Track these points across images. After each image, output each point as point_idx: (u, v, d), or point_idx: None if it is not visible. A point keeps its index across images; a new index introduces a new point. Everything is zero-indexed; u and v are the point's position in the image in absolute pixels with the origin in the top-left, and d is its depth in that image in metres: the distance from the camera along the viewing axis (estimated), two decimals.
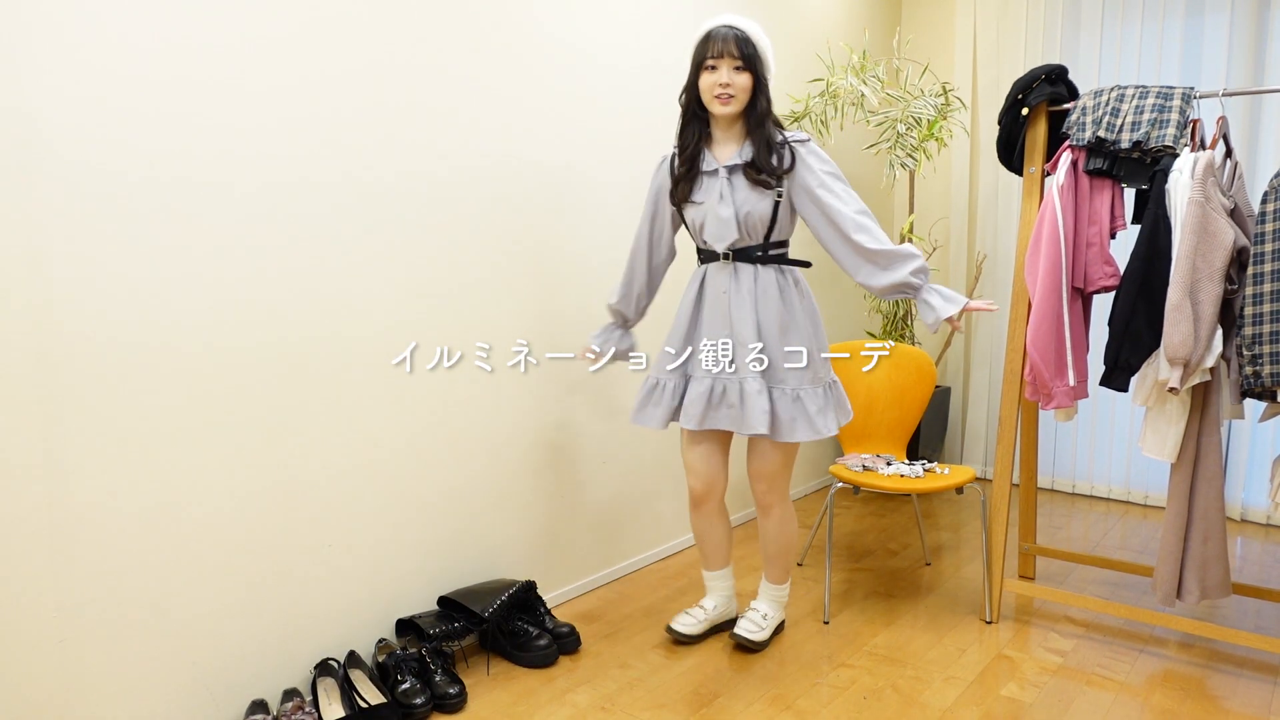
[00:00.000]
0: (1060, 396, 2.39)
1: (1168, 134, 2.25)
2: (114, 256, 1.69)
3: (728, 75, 2.07)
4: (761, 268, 2.17)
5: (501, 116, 2.43)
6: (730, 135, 2.18)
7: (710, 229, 2.17)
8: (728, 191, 2.14)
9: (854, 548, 3.27)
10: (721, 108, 2.10)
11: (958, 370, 4.28)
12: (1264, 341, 2.07)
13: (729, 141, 2.18)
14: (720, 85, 2.08)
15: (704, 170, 2.18)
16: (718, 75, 2.08)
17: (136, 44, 1.70)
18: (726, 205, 2.13)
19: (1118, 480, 3.89)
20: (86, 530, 1.69)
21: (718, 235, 2.16)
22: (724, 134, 2.18)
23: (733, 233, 2.14)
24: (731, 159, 2.16)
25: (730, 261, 2.18)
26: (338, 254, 2.07)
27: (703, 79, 2.11)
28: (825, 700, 2.14)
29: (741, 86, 2.08)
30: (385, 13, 2.13)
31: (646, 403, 2.27)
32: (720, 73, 2.07)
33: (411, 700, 2.02)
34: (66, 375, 1.64)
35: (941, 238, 4.25)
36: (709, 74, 2.09)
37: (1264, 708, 2.11)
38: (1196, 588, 2.29)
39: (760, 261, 2.17)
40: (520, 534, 2.60)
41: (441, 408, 2.34)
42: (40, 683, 1.64)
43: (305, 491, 2.04)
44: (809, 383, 2.17)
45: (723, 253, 2.18)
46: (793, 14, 3.60)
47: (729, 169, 2.15)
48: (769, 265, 2.18)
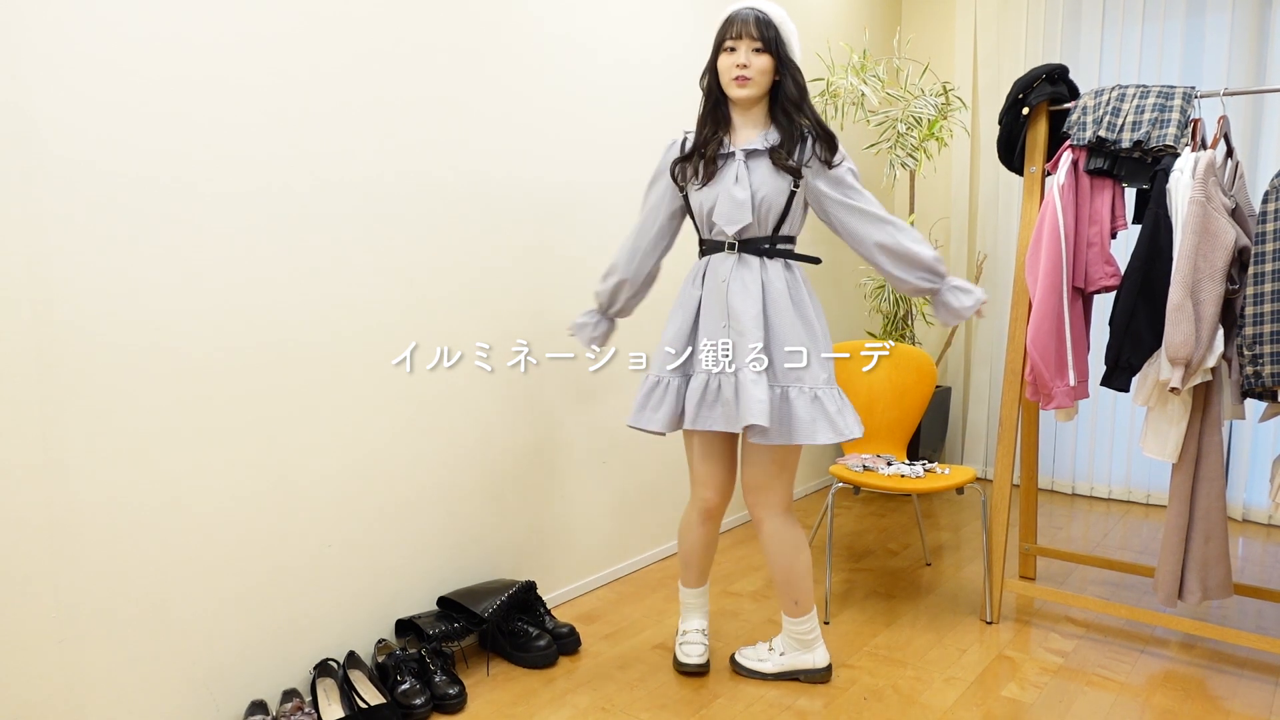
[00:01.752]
0: (1061, 396, 2.38)
1: (1169, 133, 2.25)
2: (114, 256, 1.69)
3: (745, 56, 2.00)
4: (768, 260, 2.08)
5: (502, 116, 2.43)
6: (750, 120, 2.10)
7: (722, 210, 2.05)
8: (744, 174, 2.06)
9: (854, 548, 3.26)
10: (739, 90, 2.03)
11: (958, 370, 4.28)
12: (1265, 341, 2.07)
13: (748, 127, 2.10)
14: (738, 66, 2.01)
15: (718, 154, 2.08)
16: (736, 56, 2.01)
17: (135, 42, 1.70)
18: (743, 187, 2.04)
19: (1118, 480, 3.88)
20: (86, 530, 1.69)
21: (730, 218, 2.05)
22: (743, 118, 2.10)
23: (746, 215, 2.03)
24: (751, 143, 2.07)
25: (735, 251, 2.08)
26: (338, 254, 2.07)
27: (721, 60, 2.05)
28: (825, 700, 2.14)
29: (760, 69, 2.01)
30: (384, 12, 2.13)
31: (646, 404, 2.12)
32: (739, 54, 2.01)
33: (411, 701, 2.02)
34: (66, 375, 1.64)
35: (942, 237, 4.24)
36: (728, 55, 2.03)
37: (1265, 708, 2.11)
38: (1198, 588, 2.29)
39: (767, 254, 2.08)
40: (520, 534, 2.59)
41: (441, 408, 2.33)
42: (40, 683, 1.64)
43: (305, 491, 2.04)
44: (824, 383, 2.05)
45: (729, 241, 2.08)
46: (793, 13, 3.56)
47: (747, 153, 2.07)
48: (775, 259, 2.08)
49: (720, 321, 2.06)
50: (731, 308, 2.04)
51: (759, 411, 1.95)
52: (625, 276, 2.25)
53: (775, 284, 2.06)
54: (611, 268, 2.27)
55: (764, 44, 2.01)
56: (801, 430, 2.01)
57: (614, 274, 2.26)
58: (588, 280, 2.71)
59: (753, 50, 2.01)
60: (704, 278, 2.12)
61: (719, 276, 2.08)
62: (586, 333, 2.32)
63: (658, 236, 2.22)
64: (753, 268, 2.06)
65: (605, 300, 2.30)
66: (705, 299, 2.10)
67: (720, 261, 2.09)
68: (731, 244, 2.09)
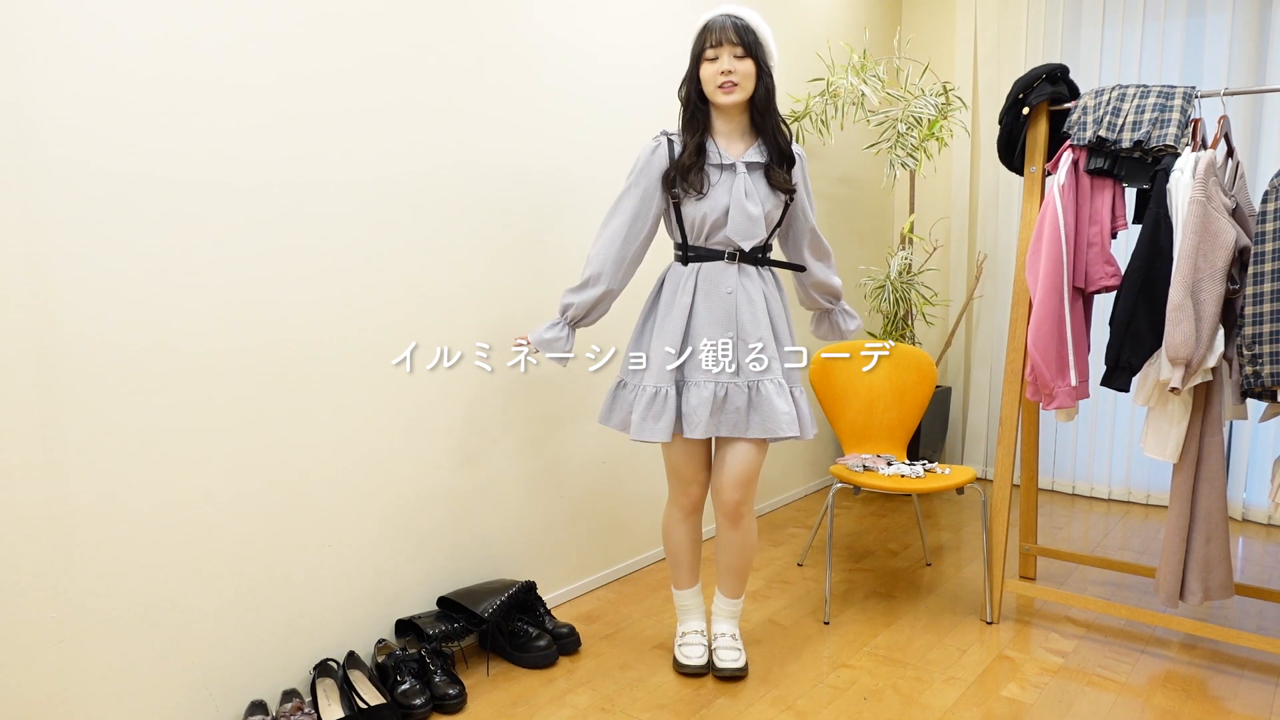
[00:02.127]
0: (1061, 396, 2.38)
1: (1169, 133, 2.25)
2: (113, 256, 1.69)
3: (729, 62, 2.01)
4: (763, 270, 2.15)
5: (503, 116, 2.43)
6: (735, 128, 2.11)
7: (738, 226, 2.06)
8: (753, 189, 2.08)
9: (854, 548, 3.26)
10: (725, 96, 2.03)
11: (958, 370, 4.28)
12: (1264, 341, 2.07)
13: (734, 136, 2.11)
14: (722, 73, 2.02)
15: (713, 164, 2.07)
16: (719, 64, 2.02)
17: (135, 42, 1.69)
18: (755, 203, 2.07)
19: (1119, 480, 3.88)
20: (86, 530, 1.69)
21: (747, 234, 2.07)
22: (728, 126, 2.11)
23: (761, 230, 2.08)
24: (749, 155, 2.09)
25: (734, 262, 2.10)
26: (338, 253, 2.07)
27: (703, 70, 2.05)
28: (825, 701, 2.14)
29: (744, 73, 2.03)
30: (384, 11, 2.13)
31: (647, 415, 2.08)
32: (721, 61, 2.02)
33: (411, 701, 2.02)
34: (66, 374, 1.64)
35: (942, 237, 4.24)
36: (709, 64, 2.04)
37: (1266, 709, 2.11)
38: (1199, 588, 2.29)
39: (760, 264, 2.14)
40: (520, 534, 2.59)
41: (442, 408, 2.33)
42: (39, 683, 1.64)
43: (305, 491, 2.04)
44: (798, 383, 2.17)
45: (729, 253, 2.09)
46: (793, 13, 3.59)
47: (748, 165, 2.08)
48: (765, 267, 2.16)
49: (724, 330, 2.08)
50: (741, 320, 2.08)
51: (786, 423, 2.07)
52: (611, 287, 2.14)
53: (771, 291, 2.17)
54: (593, 278, 2.13)
55: (745, 48, 2.03)
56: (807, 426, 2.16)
57: (597, 284, 2.13)
58: None
59: (734, 56, 2.03)
60: (695, 286, 2.10)
61: (723, 287, 2.09)
62: (559, 347, 2.17)
63: (644, 243, 2.16)
64: (753, 278, 2.13)
65: (580, 313, 2.16)
66: (700, 306, 2.10)
67: (720, 271, 2.10)
68: (732, 254, 2.10)
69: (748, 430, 2.09)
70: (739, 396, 2.07)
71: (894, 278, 3.75)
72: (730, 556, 2.25)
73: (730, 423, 2.09)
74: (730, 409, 2.08)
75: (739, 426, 2.09)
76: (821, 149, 3.74)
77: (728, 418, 2.09)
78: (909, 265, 3.81)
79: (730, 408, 2.08)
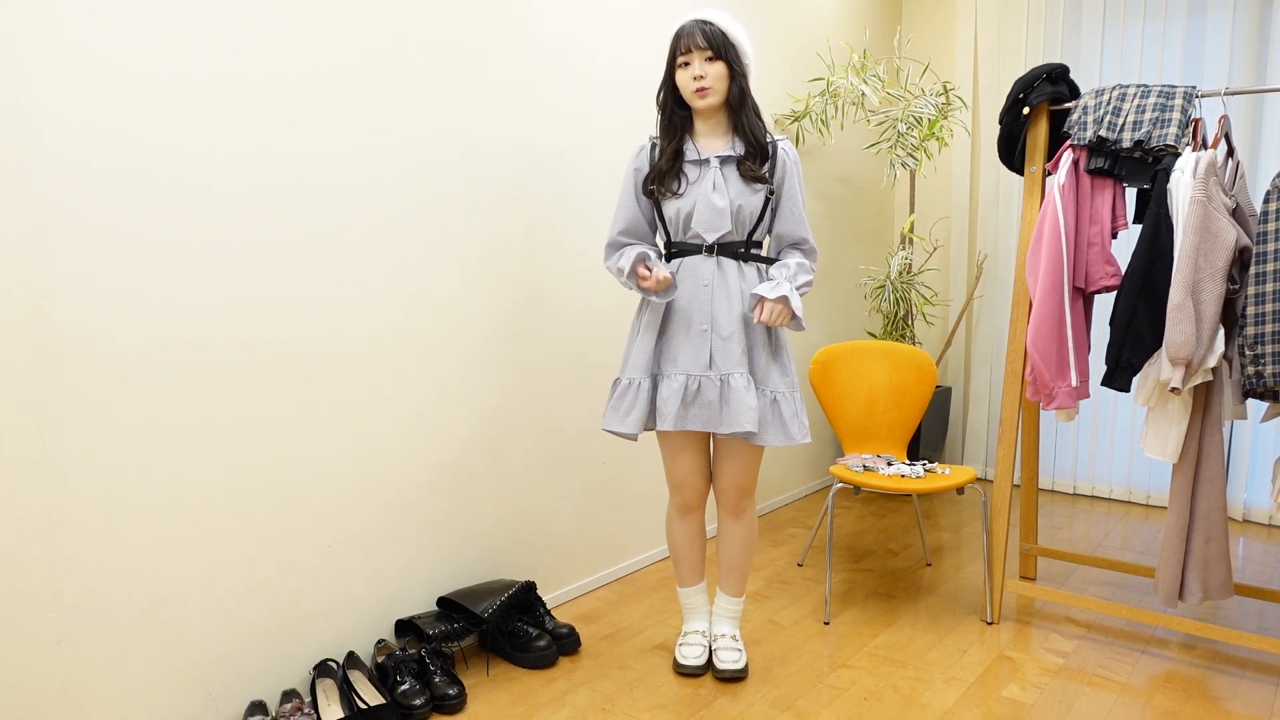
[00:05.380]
0: (1062, 397, 2.38)
1: (1169, 133, 2.25)
2: (113, 256, 1.69)
3: (700, 67, 2.05)
4: (744, 265, 2.13)
5: (504, 115, 2.42)
6: (714, 128, 2.15)
7: (702, 218, 2.09)
8: (721, 182, 2.10)
9: (854, 548, 3.26)
10: (701, 101, 2.08)
11: (958, 370, 4.27)
12: (1266, 341, 2.07)
13: (714, 135, 2.15)
14: (695, 79, 2.06)
15: (690, 160, 2.12)
16: (691, 70, 2.07)
17: (135, 42, 1.69)
18: (721, 195, 2.09)
19: (1119, 481, 3.88)
20: (85, 529, 1.68)
21: (710, 225, 2.09)
22: (707, 127, 2.15)
23: (726, 223, 2.09)
24: (723, 150, 2.13)
25: (713, 255, 2.12)
26: (338, 253, 2.07)
27: (679, 76, 2.10)
28: (825, 701, 2.14)
29: (716, 75, 2.06)
30: (383, 11, 2.12)
31: (619, 405, 2.13)
32: (693, 66, 2.06)
33: (411, 701, 2.02)
34: (65, 374, 1.64)
35: (942, 237, 4.24)
36: (683, 70, 2.08)
37: (1266, 709, 2.11)
38: (1199, 589, 2.29)
39: (743, 259, 2.13)
40: (520, 534, 2.59)
41: (441, 407, 2.33)
42: (39, 683, 1.64)
43: (305, 491, 2.04)
44: (786, 388, 2.13)
45: (707, 246, 2.11)
46: (793, 13, 3.59)
47: (721, 159, 2.12)
48: (750, 263, 2.14)
49: (701, 324, 2.10)
50: (716, 315, 2.10)
51: (749, 418, 2.04)
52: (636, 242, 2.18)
53: (749, 288, 2.12)
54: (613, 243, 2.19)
55: (715, 51, 2.05)
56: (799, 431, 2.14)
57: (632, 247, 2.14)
58: (589, 280, 2.71)
59: (705, 60, 2.06)
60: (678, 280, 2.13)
61: (699, 279, 2.12)
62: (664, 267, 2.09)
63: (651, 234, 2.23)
64: (731, 273, 2.12)
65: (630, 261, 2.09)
66: (681, 300, 2.12)
67: (699, 264, 2.13)
68: (710, 247, 2.12)
69: (720, 426, 2.07)
70: (711, 390, 2.07)
71: (894, 278, 3.75)
72: (731, 551, 2.27)
73: (703, 417, 2.08)
74: (703, 402, 2.07)
75: (711, 421, 2.07)
76: (821, 149, 3.74)
77: (700, 411, 2.08)
78: (909, 265, 3.81)
79: (703, 401, 2.07)
